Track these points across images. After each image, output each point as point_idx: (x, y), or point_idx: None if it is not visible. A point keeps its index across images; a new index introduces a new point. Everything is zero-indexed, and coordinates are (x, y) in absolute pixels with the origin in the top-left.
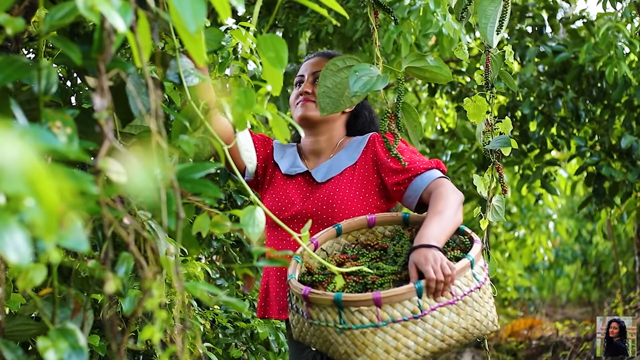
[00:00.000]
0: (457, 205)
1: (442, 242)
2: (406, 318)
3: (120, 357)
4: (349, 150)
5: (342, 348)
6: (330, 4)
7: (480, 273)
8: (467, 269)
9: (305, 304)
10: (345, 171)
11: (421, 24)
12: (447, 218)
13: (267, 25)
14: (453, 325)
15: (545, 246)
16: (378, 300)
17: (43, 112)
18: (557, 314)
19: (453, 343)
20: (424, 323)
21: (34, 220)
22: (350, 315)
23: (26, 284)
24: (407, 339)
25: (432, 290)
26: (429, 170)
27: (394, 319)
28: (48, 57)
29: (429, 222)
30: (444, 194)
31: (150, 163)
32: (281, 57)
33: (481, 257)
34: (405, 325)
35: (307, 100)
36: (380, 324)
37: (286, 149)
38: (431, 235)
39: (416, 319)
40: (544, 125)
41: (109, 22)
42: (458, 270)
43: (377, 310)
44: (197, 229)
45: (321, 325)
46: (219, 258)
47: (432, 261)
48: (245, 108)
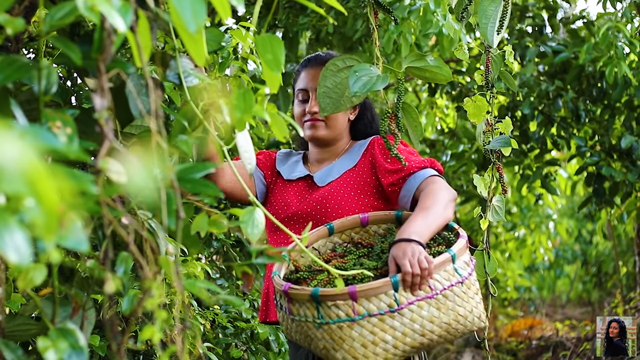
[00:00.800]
0: (447, 202)
1: (426, 237)
2: (382, 312)
3: (120, 357)
4: (351, 154)
5: (321, 343)
6: (330, 2)
7: (464, 268)
8: (447, 263)
9: (286, 300)
10: (344, 174)
11: (421, 24)
12: (433, 214)
13: (265, 25)
14: (433, 319)
15: (545, 246)
16: (353, 294)
17: (43, 112)
18: (557, 314)
19: (435, 338)
20: (402, 317)
21: (34, 220)
22: (328, 309)
23: (26, 284)
24: (384, 333)
25: (409, 283)
26: (422, 169)
27: (370, 312)
28: (48, 57)
29: (414, 217)
30: (433, 190)
31: (150, 163)
32: (278, 59)
33: (466, 252)
34: (382, 319)
35: (316, 120)
36: (356, 318)
37: (290, 157)
38: (413, 230)
39: (393, 313)
40: (544, 125)
41: (109, 22)
42: (437, 264)
43: (353, 305)
44: (196, 229)
45: (301, 320)
46: (219, 258)
47: (409, 255)
48: (244, 112)
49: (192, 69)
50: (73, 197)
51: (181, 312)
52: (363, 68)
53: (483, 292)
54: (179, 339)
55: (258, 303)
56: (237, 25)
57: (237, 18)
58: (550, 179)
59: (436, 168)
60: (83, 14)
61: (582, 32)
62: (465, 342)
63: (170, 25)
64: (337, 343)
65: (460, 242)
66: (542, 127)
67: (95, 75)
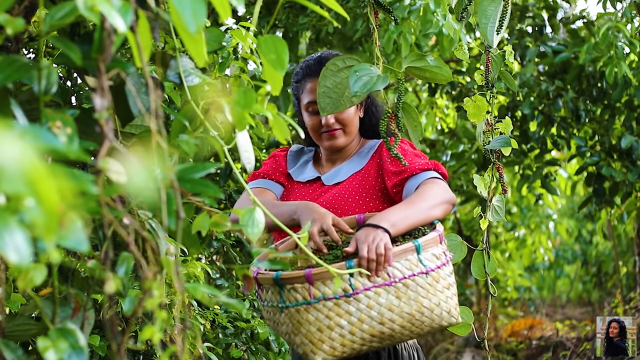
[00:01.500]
0: (438, 202)
1: (399, 228)
2: (337, 296)
3: (120, 357)
4: (360, 155)
5: (284, 327)
6: (330, 4)
7: (432, 260)
8: (409, 252)
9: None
10: (351, 177)
11: (421, 24)
12: (416, 208)
13: (268, 26)
14: (392, 308)
15: (545, 246)
16: (309, 277)
17: (43, 112)
18: (557, 314)
19: (397, 328)
20: (358, 302)
21: (34, 220)
22: (288, 293)
23: (26, 284)
24: (339, 318)
25: (364, 267)
26: (424, 172)
27: (325, 296)
28: (48, 57)
29: (394, 207)
30: (426, 188)
31: (150, 163)
32: (282, 59)
33: (437, 246)
34: (338, 303)
35: (335, 130)
36: (312, 302)
37: (301, 156)
38: (385, 218)
39: (348, 298)
40: (544, 125)
41: (109, 22)
42: (397, 252)
43: (309, 288)
44: (196, 229)
45: (269, 306)
46: (219, 258)
47: (369, 240)
48: (244, 108)
49: (193, 68)
50: (73, 197)
51: (181, 312)
52: (363, 68)
53: (483, 292)
54: (179, 339)
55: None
56: (237, 25)
57: (237, 18)
58: (550, 179)
59: (440, 172)
60: (83, 14)
61: (582, 32)
62: (465, 342)
63: (170, 25)
64: (296, 327)
65: (431, 234)
66: (542, 127)
67: (95, 75)
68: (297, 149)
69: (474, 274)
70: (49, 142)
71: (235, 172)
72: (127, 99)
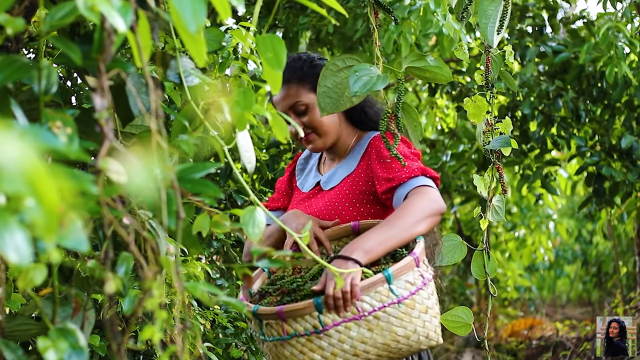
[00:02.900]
0: (423, 216)
1: (375, 255)
2: (308, 333)
3: (120, 357)
4: (352, 156)
5: (267, 358)
6: (330, 3)
7: (405, 288)
8: (379, 284)
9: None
10: (343, 181)
11: (421, 24)
12: (397, 229)
13: (267, 25)
14: (365, 340)
15: (545, 246)
16: (281, 314)
17: (43, 112)
18: (557, 314)
19: (373, 358)
20: (329, 338)
21: (34, 220)
22: (265, 327)
23: (26, 284)
24: (313, 353)
25: (331, 306)
26: (411, 179)
27: (297, 333)
28: (48, 57)
29: (371, 231)
30: (410, 203)
31: (150, 163)
32: (280, 57)
33: (411, 271)
34: (310, 339)
35: (307, 136)
36: (285, 338)
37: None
38: (359, 246)
39: (319, 334)
40: (544, 125)
41: (109, 22)
42: (366, 285)
43: (282, 324)
44: (197, 229)
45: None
46: (219, 258)
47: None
48: (244, 109)
49: (193, 68)
50: (73, 197)
51: (181, 312)
52: (363, 68)
53: (483, 292)
54: (179, 339)
55: None
56: (237, 25)
57: (237, 18)
58: (550, 179)
59: (429, 175)
60: (83, 14)
61: (582, 32)
62: (465, 342)
63: (170, 25)
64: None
65: (403, 261)
66: (542, 127)
67: (95, 75)
68: (307, 154)
69: (474, 274)
70: (49, 142)
71: (235, 172)
72: (127, 99)
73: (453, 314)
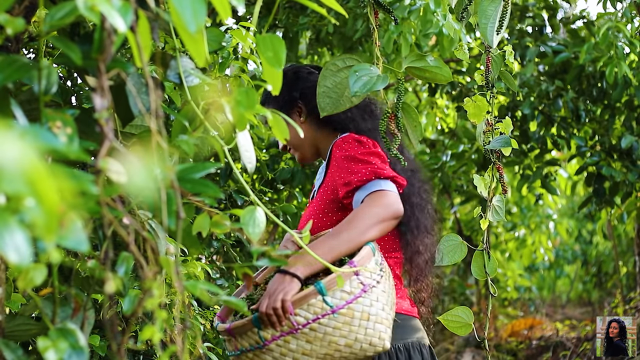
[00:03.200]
0: (371, 223)
1: (317, 267)
2: (253, 348)
3: (120, 357)
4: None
5: None
6: (330, 3)
7: (340, 298)
8: (311, 297)
9: None
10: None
11: (421, 24)
12: (342, 239)
13: (267, 25)
14: (306, 352)
15: (545, 246)
16: (230, 331)
17: (43, 112)
18: (557, 314)
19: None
20: (271, 352)
21: (34, 220)
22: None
23: (26, 284)
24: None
25: (266, 322)
26: (369, 182)
27: (243, 348)
28: (48, 57)
29: (315, 243)
30: (360, 210)
31: (150, 163)
32: (279, 57)
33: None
34: (256, 354)
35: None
36: (236, 353)
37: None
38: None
39: (262, 349)
40: (544, 125)
41: (109, 22)
42: (298, 299)
43: (233, 340)
44: (197, 229)
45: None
46: (219, 258)
47: (270, 292)
48: (247, 108)
49: (193, 68)
50: (73, 197)
51: (181, 312)
52: (363, 68)
53: (483, 292)
54: (179, 339)
55: None
56: (237, 25)
57: (237, 18)
58: (550, 179)
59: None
60: (83, 14)
61: (582, 32)
62: (465, 342)
63: (170, 25)
64: None
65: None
66: (542, 127)
67: (95, 75)
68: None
69: (474, 274)
70: (49, 142)
71: (235, 172)
72: (127, 99)
73: (453, 314)
